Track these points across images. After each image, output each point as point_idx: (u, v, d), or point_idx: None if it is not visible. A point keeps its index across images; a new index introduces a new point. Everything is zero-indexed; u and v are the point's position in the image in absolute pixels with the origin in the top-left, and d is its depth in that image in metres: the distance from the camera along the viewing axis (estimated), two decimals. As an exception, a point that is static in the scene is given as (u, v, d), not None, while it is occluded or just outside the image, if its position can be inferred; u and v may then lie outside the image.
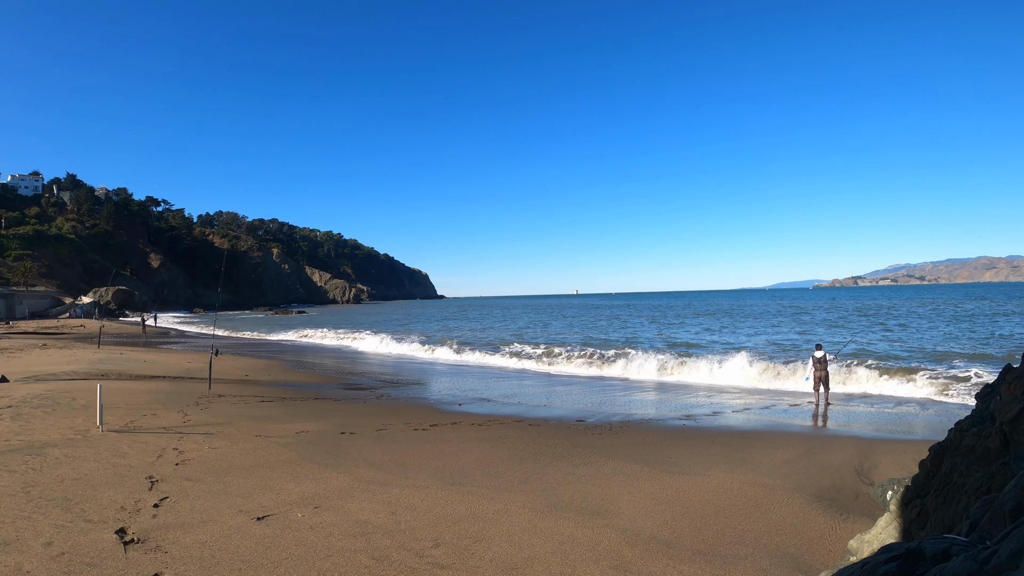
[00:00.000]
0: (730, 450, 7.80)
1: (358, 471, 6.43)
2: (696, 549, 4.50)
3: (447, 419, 10.12)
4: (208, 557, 4.00)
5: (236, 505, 5.09)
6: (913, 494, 3.69)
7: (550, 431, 9.07)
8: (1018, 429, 2.92)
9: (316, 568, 3.91)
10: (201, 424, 8.85)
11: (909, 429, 9.40)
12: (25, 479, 5.52)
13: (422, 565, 4.02)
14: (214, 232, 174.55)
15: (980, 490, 2.86)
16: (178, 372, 16.40)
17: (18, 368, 15.59)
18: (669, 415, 10.87)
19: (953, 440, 3.47)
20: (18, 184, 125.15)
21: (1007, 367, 3.45)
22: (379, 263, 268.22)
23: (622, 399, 13.04)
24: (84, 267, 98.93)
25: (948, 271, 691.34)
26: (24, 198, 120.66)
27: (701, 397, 13.21)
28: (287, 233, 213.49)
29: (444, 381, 16.88)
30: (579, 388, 14.98)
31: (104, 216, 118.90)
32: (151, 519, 4.65)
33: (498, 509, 5.25)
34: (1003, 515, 1.81)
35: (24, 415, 8.65)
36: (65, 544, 4.07)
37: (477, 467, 6.86)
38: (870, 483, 6.18)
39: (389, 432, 8.79)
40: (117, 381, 13.38)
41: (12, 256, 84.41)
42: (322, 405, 11.63)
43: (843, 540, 4.66)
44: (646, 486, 6.13)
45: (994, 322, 31.92)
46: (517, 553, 4.28)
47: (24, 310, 60.29)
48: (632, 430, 9.20)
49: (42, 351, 22.15)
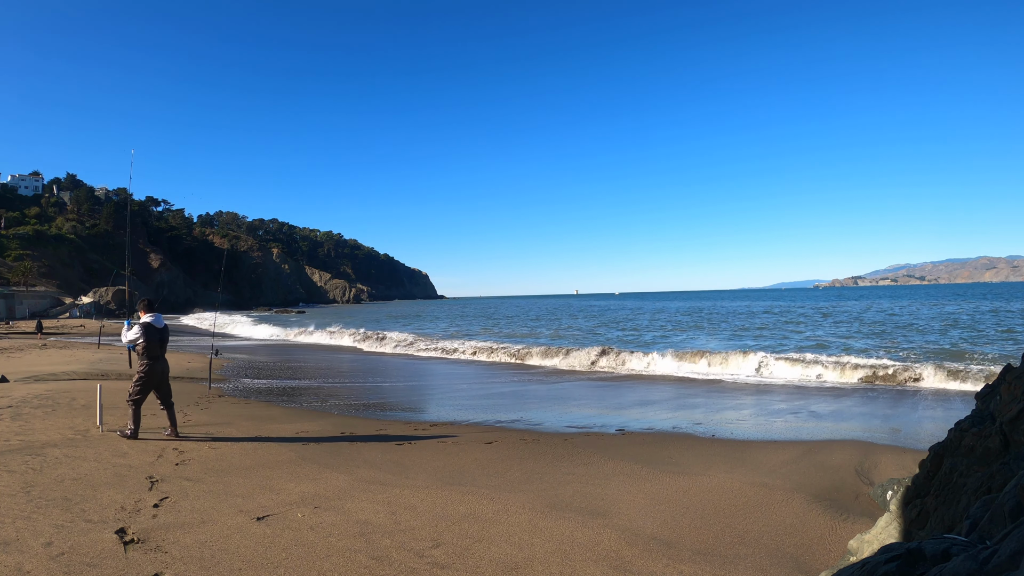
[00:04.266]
0: (730, 450, 7.80)
1: (358, 471, 6.43)
2: (696, 549, 4.50)
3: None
4: (208, 557, 4.00)
5: (236, 505, 5.09)
6: (913, 494, 3.69)
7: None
8: (1018, 429, 2.92)
9: (316, 568, 3.91)
10: (201, 424, 8.86)
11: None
12: (25, 479, 5.52)
13: (422, 565, 4.02)
14: (214, 232, 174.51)
15: (980, 490, 2.86)
16: (178, 372, 16.41)
17: (18, 368, 15.59)
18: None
19: (953, 440, 3.47)
20: (18, 184, 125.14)
21: (1007, 367, 3.45)
22: (379, 263, 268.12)
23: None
24: (84, 267, 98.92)
25: (948, 271, 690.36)
26: (24, 198, 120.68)
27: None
28: (287, 233, 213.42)
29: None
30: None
31: (104, 216, 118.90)
32: (151, 519, 4.65)
33: (498, 509, 5.25)
34: (1003, 515, 1.81)
35: (24, 415, 8.65)
36: (65, 544, 4.07)
37: (477, 467, 6.86)
38: (870, 483, 6.18)
39: (389, 432, 8.80)
40: (117, 381, 13.36)
41: (12, 256, 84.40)
42: (322, 405, 11.63)
43: (843, 540, 4.65)
44: (646, 486, 6.13)
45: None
46: (517, 553, 4.28)
47: (24, 310, 60.33)
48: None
49: (42, 351, 22.15)
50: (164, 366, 7.89)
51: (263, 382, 15.34)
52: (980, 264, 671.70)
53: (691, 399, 12.49)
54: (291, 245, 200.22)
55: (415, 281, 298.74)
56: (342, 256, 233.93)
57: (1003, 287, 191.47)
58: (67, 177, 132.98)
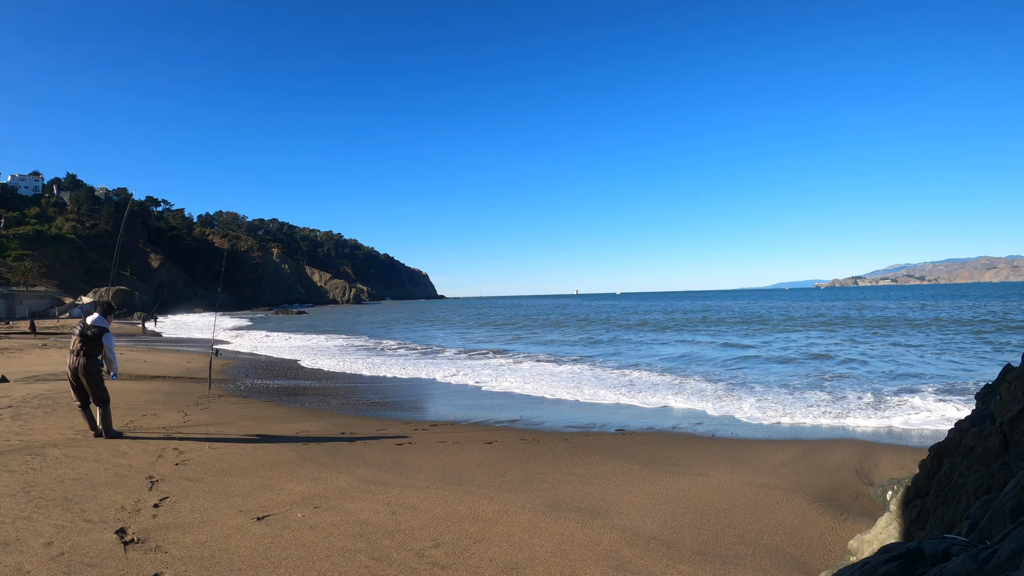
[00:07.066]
0: (730, 450, 7.80)
1: (358, 471, 6.43)
2: (696, 549, 4.50)
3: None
4: (208, 557, 4.00)
5: (236, 505, 5.09)
6: (913, 494, 3.69)
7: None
8: (1018, 429, 2.92)
9: (316, 568, 3.91)
10: (201, 424, 8.85)
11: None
12: (25, 479, 5.52)
13: (422, 565, 4.02)
14: (214, 232, 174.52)
15: (980, 490, 2.86)
16: (178, 372, 16.41)
17: (18, 368, 15.59)
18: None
19: (953, 440, 3.47)
20: (18, 184, 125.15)
21: (1007, 367, 3.45)
22: (379, 263, 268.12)
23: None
24: (84, 267, 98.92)
25: (948, 271, 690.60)
26: (24, 198, 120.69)
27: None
28: (287, 233, 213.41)
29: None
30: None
31: (104, 216, 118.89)
32: (151, 519, 4.65)
33: (498, 509, 5.25)
34: (1003, 515, 1.81)
35: (24, 415, 8.65)
36: (65, 544, 4.07)
37: (477, 467, 6.86)
38: (870, 483, 6.18)
39: (389, 432, 8.80)
40: (117, 381, 13.36)
41: (12, 256, 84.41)
42: (322, 405, 11.63)
43: (843, 540, 4.66)
44: (646, 486, 6.13)
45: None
46: (517, 553, 4.28)
47: (24, 310, 60.38)
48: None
49: (42, 351, 22.14)
50: (75, 363, 7.52)
51: (263, 382, 15.34)
52: (980, 264, 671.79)
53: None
54: (291, 245, 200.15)
55: (415, 281, 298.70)
56: (342, 256, 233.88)
57: (1003, 287, 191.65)
58: (67, 177, 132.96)
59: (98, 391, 7.51)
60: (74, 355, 7.53)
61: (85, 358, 7.51)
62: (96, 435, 7.48)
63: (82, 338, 7.53)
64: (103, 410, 7.49)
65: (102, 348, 7.64)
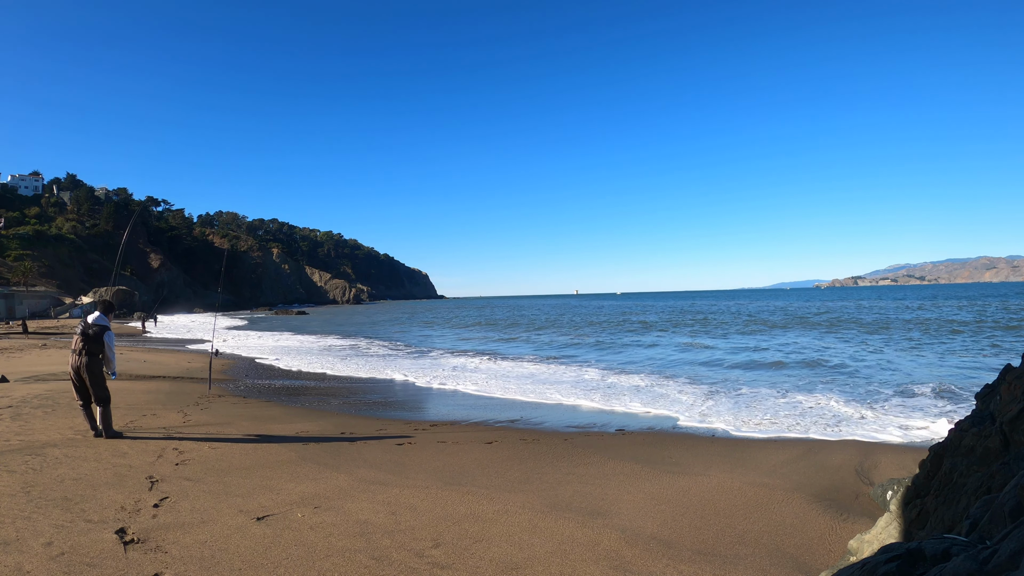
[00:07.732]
0: (730, 450, 7.80)
1: (358, 471, 6.43)
2: (696, 549, 4.50)
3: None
4: (208, 557, 4.00)
5: (236, 505, 5.09)
6: (913, 494, 3.69)
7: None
8: (1018, 429, 2.92)
9: (316, 568, 3.91)
10: (201, 424, 8.85)
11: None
12: (25, 479, 5.52)
13: (422, 565, 4.02)
14: (214, 232, 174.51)
15: (980, 490, 2.86)
16: (178, 372, 16.41)
17: (18, 368, 15.59)
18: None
19: (953, 440, 3.47)
20: (18, 184, 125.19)
21: (1007, 367, 3.45)
22: (379, 263, 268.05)
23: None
24: (84, 267, 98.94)
25: (948, 271, 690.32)
26: (24, 198, 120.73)
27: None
28: (287, 233, 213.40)
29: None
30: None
31: (104, 216, 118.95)
32: (151, 519, 4.65)
33: (498, 509, 5.25)
34: (1003, 515, 1.81)
35: (24, 415, 8.65)
36: (65, 544, 4.07)
37: (477, 467, 6.86)
38: (870, 483, 6.18)
39: (389, 432, 8.80)
40: (117, 381, 13.36)
41: (12, 256, 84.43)
42: (322, 405, 11.63)
43: (843, 540, 4.65)
44: (646, 486, 6.13)
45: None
46: (517, 553, 4.28)
47: (24, 310, 60.41)
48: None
49: (42, 351, 22.14)
50: (78, 362, 7.51)
51: (263, 382, 15.34)
52: (980, 264, 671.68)
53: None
54: (291, 245, 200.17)
55: (415, 281, 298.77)
56: (342, 256, 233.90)
57: (1003, 287, 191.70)
58: (67, 177, 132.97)
59: (100, 390, 7.51)
60: (76, 354, 7.53)
61: (88, 357, 7.52)
62: (96, 435, 7.48)
63: (84, 337, 7.53)
64: (103, 410, 7.49)
65: (104, 347, 7.65)
